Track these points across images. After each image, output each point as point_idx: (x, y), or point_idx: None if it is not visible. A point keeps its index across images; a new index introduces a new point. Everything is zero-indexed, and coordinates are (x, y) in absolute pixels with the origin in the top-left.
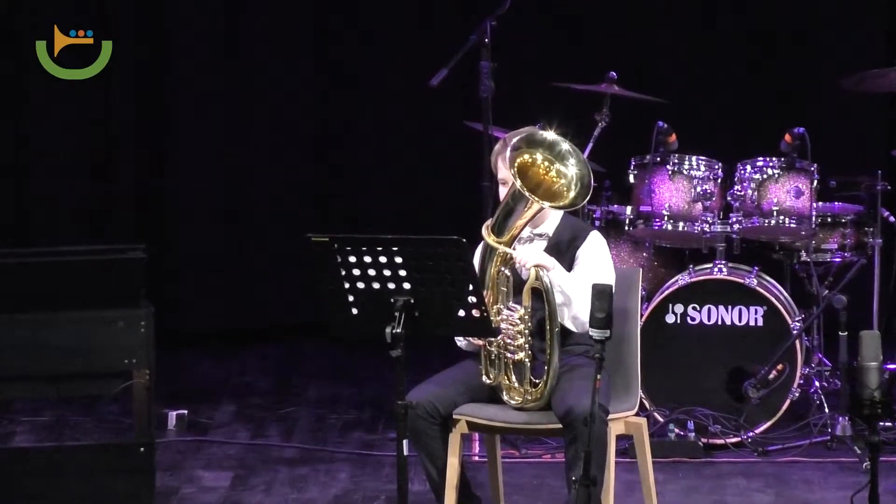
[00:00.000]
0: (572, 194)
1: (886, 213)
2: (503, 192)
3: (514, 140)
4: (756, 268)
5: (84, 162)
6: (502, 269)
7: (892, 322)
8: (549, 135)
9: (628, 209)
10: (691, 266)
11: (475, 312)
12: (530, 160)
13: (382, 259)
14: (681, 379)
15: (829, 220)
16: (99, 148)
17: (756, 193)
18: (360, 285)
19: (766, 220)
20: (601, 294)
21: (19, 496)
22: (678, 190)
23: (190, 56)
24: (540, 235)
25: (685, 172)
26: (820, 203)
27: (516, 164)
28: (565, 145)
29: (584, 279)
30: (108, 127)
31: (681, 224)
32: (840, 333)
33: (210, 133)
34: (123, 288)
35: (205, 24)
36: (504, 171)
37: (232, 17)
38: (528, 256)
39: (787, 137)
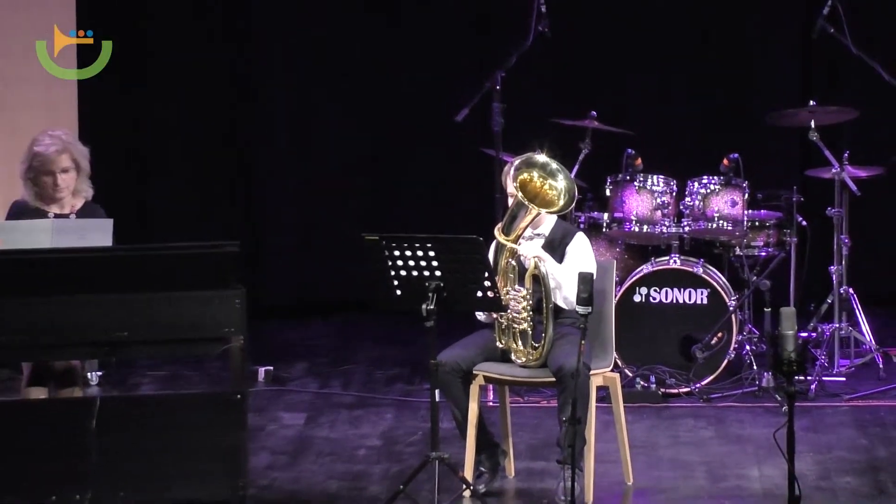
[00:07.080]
0: (562, 202)
1: (800, 219)
2: (510, 202)
3: (516, 162)
4: (702, 259)
5: (189, 168)
6: (510, 260)
7: (804, 301)
8: (542, 157)
9: (605, 215)
10: (653, 258)
11: (490, 294)
12: (528, 177)
13: (419, 253)
14: (645, 344)
15: (756, 223)
16: (199, 155)
17: (702, 203)
18: (403, 273)
19: (710, 224)
20: (585, 280)
21: (141, 433)
22: (643, 201)
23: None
24: (538, 234)
25: (648, 188)
26: (750, 210)
27: (518, 181)
28: (554, 164)
29: (571, 269)
30: (206, 137)
31: (645, 227)
32: (765, 309)
33: (289, 157)
34: (222, 273)
35: (290, 36)
36: (511, 187)
37: (317, 31)
38: (529, 251)
39: (725, 161)
